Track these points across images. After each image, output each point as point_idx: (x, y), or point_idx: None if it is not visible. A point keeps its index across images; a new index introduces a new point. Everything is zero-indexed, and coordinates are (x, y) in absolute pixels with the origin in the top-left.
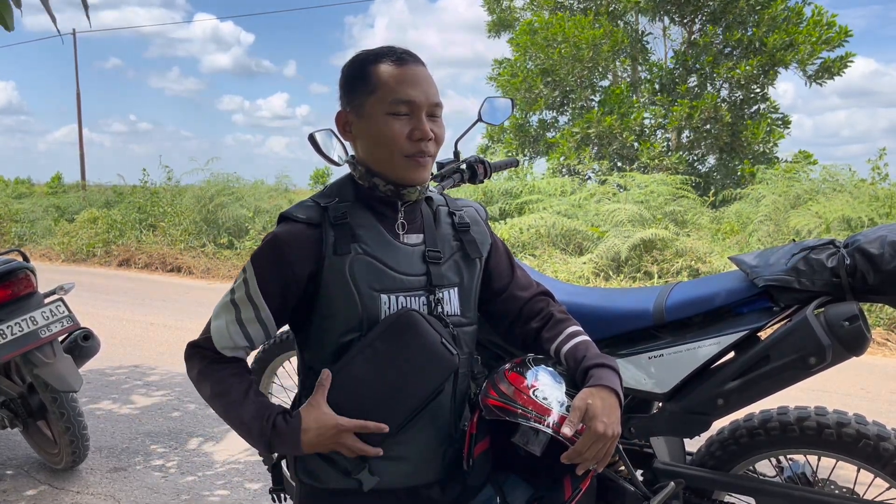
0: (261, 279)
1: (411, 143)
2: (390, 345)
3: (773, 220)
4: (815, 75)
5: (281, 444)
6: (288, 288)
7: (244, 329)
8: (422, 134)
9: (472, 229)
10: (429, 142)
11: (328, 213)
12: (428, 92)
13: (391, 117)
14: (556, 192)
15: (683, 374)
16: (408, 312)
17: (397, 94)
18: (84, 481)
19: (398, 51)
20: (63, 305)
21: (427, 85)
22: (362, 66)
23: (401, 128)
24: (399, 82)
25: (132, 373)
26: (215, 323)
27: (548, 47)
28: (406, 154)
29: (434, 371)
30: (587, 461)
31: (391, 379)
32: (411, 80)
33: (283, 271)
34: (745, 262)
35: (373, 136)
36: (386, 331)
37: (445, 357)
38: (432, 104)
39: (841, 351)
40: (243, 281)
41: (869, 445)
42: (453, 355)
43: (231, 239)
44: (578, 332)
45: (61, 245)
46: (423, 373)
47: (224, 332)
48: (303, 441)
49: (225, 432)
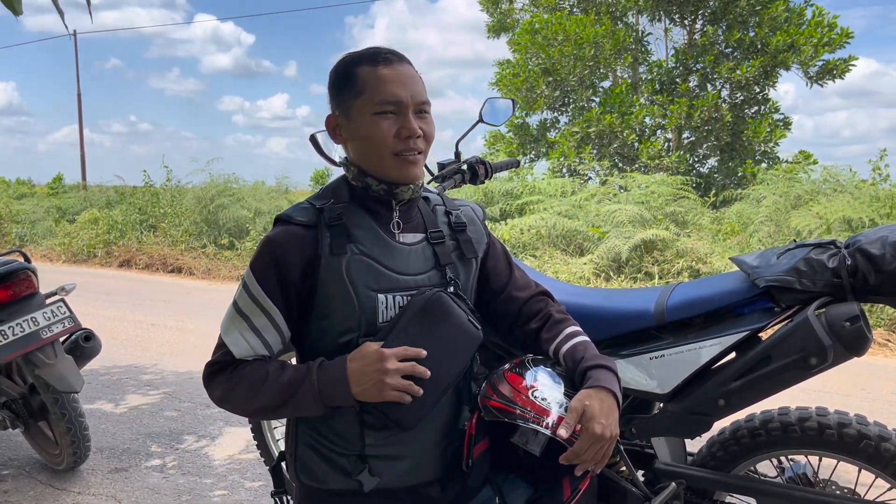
0: (262, 283)
1: (400, 142)
2: (424, 327)
3: (773, 220)
4: (816, 77)
5: (328, 383)
6: (287, 289)
7: (261, 336)
8: (409, 132)
9: (468, 229)
10: (417, 139)
11: (324, 215)
12: (414, 90)
13: (378, 117)
14: (556, 192)
15: (684, 374)
16: (437, 294)
17: (383, 95)
18: (85, 482)
19: (383, 51)
20: (64, 306)
21: (413, 83)
22: (347, 69)
23: (388, 127)
24: (384, 82)
25: (133, 373)
26: (229, 338)
27: (549, 46)
28: (395, 152)
29: (464, 348)
30: (586, 462)
31: (427, 360)
32: (396, 80)
33: (281, 273)
34: (745, 262)
35: (362, 137)
36: (418, 313)
37: (473, 333)
38: (419, 102)
39: (842, 351)
40: (244, 288)
41: (870, 446)
42: (478, 330)
43: (232, 240)
44: (577, 333)
45: (62, 246)
46: (454, 351)
47: (241, 342)
48: (349, 371)
49: (225, 432)
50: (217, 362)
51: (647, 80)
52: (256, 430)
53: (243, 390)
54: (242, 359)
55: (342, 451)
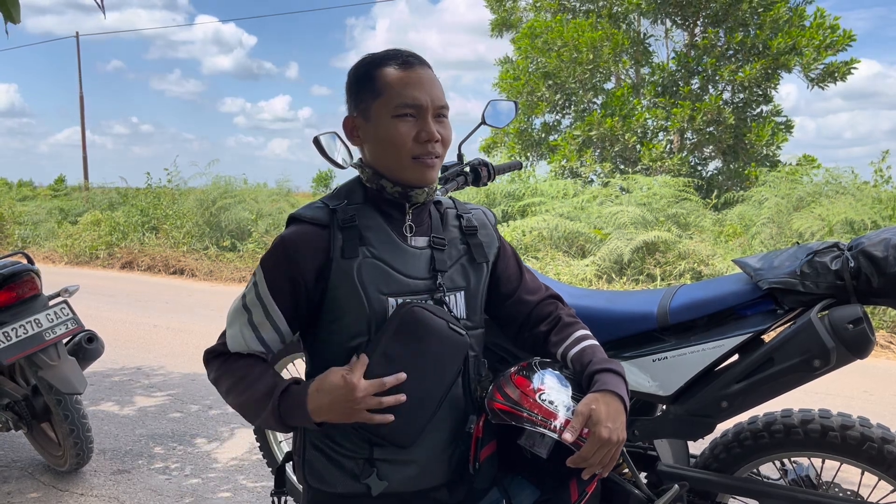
0: (270, 280)
1: (418, 145)
2: (403, 346)
3: (776, 222)
4: (818, 79)
5: (289, 409)
6: (297, 289)
7: (257, 333)
8: (428, 135)
9: (479, 233)
10: (436, 143)
11: (337, 216)
12: (433, 94)
13: (398, 120)
14: (558, 194)
15: (687, 376)
16: (409, 309)
17: (403, 97)
18: (88, 483)
19: (404, 53)
20: (67, 308)
21: (432, 87)
22: (367, 70)
23: (407, 130)
24: (405, 85)
25: (136, 375)
26: (230, 330)
27: (548, 51)
28: (413, 156)
29: (450, 357)
30: (593, 466)
31: (413, 379)
32: (416, 83)
33: (292, 271)
34: (748, 264)
35: (380, 139)
36: (395, 334)
37: (456, 339)
38: (438, 106)
39: (845, 353)
40: (253, 284)
41: (873, 448)
42: (462, 335)
43: (234, 241)
44: (586, 336)
45: (64, 247)
46: (440, 362)
47: (238, 336)
48: (309, 401)
49: (228, 434)
50: (213, 349)
51: (649, 83)
52: (260, 431)
53: (226, 384)
54: (237, 352)
55: (350, 454)
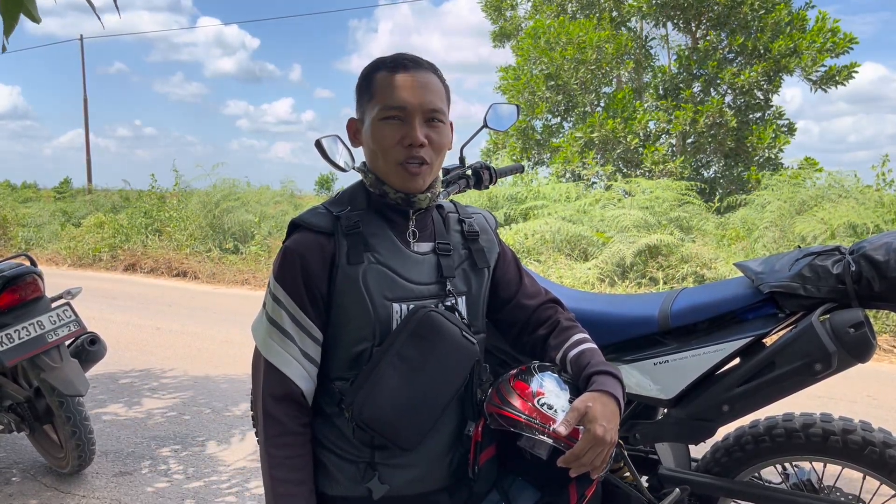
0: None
1: (403, 149)
2: (418, 349)
3: (778, 226)
4: (819, 82)
5: None
6: (315, 299)
7: (311, 359)
8: (412, 140)
9: (480, 238)
10: (421, 148)
11: (341, 223)
12: (424, 97)
13: (384, 122)
14: (561, 197)
15: (689, 380)
16: (427, 313)
17: (388, 100)
18: (90, 485)
19: (404, 57)
20: (70, 310)
21: (424, 90)
22: (368, 74)
23: (392, 133)
24: (393, 87)
25: (138, 377)
26: (276, 358)
27: (551, 51)
28: (398, 161)
29: (460, 364)
30: (584, 465)
31: (422, 382)
32: (405, 86)
33: (308, 284)
34: (750, 268)
35: (370, 142)
36: (411, 336)
37: (469, 348)
38: (428, 109)
39: (846, 357)
40: (277, 304)
41: (875, 452)
42: (473, 344)
43: (237, 244)
44: (584, 340)
45: (68, 249)
46: (450, 369)
47: (296, 367)
48: None
49: (231, 437)
50: (279, 399)
51: (651, 86)
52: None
53: (265, 463)
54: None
55: (352, 458)
